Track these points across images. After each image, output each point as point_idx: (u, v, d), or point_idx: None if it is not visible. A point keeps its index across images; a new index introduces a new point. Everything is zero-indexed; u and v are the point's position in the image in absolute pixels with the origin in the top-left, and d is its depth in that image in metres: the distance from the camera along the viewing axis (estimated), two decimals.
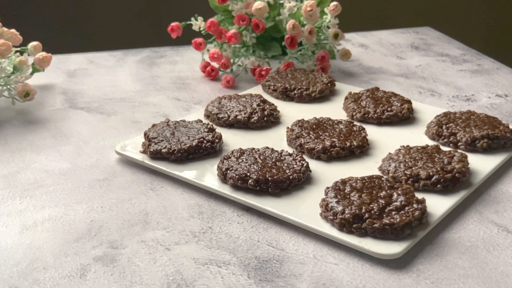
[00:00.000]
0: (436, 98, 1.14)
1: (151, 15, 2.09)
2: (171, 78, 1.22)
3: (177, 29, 1.23)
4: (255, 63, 1.20)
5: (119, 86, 1.18)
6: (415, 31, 1.53)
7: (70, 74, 1.23)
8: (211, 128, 0.94)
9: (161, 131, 0.93)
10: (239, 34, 1.19)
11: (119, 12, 2.05)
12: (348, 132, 0.94)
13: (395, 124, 1.01)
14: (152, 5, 2.09)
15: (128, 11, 2.07)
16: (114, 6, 2.05)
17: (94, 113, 1.06)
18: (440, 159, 0.85)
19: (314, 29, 1.20)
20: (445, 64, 1.31)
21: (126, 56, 1.33)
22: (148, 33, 1.97)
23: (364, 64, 1.31)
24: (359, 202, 0.75)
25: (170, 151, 0.88)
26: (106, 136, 0.99)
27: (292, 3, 1.20)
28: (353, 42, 1.44)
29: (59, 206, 0.80)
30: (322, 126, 0.96)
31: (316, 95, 1.10)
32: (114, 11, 2.05)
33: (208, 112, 1.02)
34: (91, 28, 2.05)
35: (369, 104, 1.03)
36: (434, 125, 0.97)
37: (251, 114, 1.00)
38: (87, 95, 1.13)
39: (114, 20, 2.06)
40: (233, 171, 0.82)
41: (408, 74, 1.26)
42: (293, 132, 0.95)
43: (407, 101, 1.05)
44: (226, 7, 1.23)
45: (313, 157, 0.90)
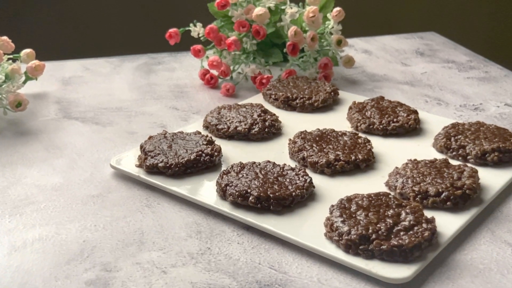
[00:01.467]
0: (443, 107, 1.11)
1: (149, 20, 2.04)
2: (169, 86, 1.19)
3: (175, 36, 1.19)
4: (255, 71, 1.16)
5: (115, 95, 1.14)
6: (419, 36, 1.49)
7: (65, 82, 1.19)
8: (210, 141, 0.90)
9: (157, 143, 0.89)
10: (239, 41, 1.15)
11: (116, 17, 2.01)
12: (352, 145, 0.90)
13: (401, 136, 0.97)
14: (150, 10, 2.05)
15: (125, 15, 2.02)
16: (111, 11, 2.01)
17: (89, 124, 1.03)
18: (450, 174, 0.82)
19: (316, 36, 1.16)
20: (451, 71, 1.27)
21: (123, 63, 1.30)
22: (146, 38, 1.93)
23: (368, 71, 1.27)
24: (365, 221, 0.71)
25: (167, 165, 0.84)
26: (101, 148, 0.95)
27: (294, 8, 1.16)
28: (356, 48, 1.41)
29: (50, 224, 0.76)
30: (325, 138, 0.92)
31: (319, 105, 1.06)
32: (111, 15, 2.01)
33: (207, 123, 0.99)
34: (87, 33, 2.01)
35: (374, 115, 1.00)
36: (442, 137, 0.93)
37: (251, 125, 0.96)
38: (82, 104, 1.09)
39: (111, 25, 2.01)
40: (233, 187, 0.79)
41: (414, 81, 1.22)
42: (295, 144, 0.91)
43: (413, 111, 1.01)
44: (226, 12, 1.19)
45: (316, 172, 0.87)
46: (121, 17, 2.01)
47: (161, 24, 1.99)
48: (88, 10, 2.00)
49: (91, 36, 2.00)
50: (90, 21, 2.01)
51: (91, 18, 2.01)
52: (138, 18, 2.04)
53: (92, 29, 2.01)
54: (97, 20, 2.01)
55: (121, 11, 2.01)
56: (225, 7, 1.15)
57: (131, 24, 2.03)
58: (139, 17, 2.04)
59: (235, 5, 1.18)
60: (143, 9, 2.04)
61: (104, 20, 2.01)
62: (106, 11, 2.00)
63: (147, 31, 2.00)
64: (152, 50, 1.38)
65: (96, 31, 2.01)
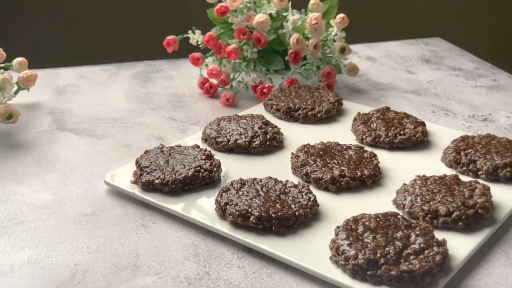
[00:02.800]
0: (451, 118, 1.07)
1: (146, 26, 1.98)
2: (166, 95, 1.15)
3: (173, 43, 1.15)
4: (256, 80, 1.12)
5: (111, 105, 1.10)
6: (424, 42, 1.45)
7: (59, 91, 1.15)
8: (208, 155, 0.86)
9: (154, 158, 0.85)
10: (239, 49, 1.11)
11: (113, 23, 1.95)
12: (358, 159, 0.86)
13: (408, 149, 0.93)
14: (147, 16, 1.99)
15: (122, 21, 1.96)
16: (107, 16, 1.95)
17: (83, 136, 0.99)
18: (461, 192, 0.78)
19: (319, 43, 1.12)
20: (458, 79, 1.23)
21: (120, 71, 1.26)
22: (144, 44, 1.87)
23: (372, 79, 1.23)
24: (373, 244, 0.67)
25: (164, 182, 0.80)
26: (95, 162, 0.91)
27: (296, 15, 1.12)
28: (359, 55, 1.37)
29: (40, 246, 0.72)
30: (329, 152, 0.88)
31: (322, 116, 1.02)
32: (108, 21, 1.95)
33: (206, 136, 0.95)
34: (83, 40, 1.94)
35: (380, 127, 0.96)
36: (451, 151, 0.89)
37: (252, 138, 0.92)
38: (76, 115, 1.05)
39: (108, 31, 1.95)
40: (233, 206, 0.75)
41: (420, 90, 1.18)
42: (298, 159, 0.87)
43: (420, 123, 0.97)
44: (226, 19, 1.15)
45: (320, 188, 0.83)
46: (118, 23, 1.95)
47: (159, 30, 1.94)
48: (83, 15, 1.94)
49: (87, 43, 1.94)
50: (86, 27, 1.95)
51: (87, 24, 1.95)
52: (135, 24, 1.98)
53: (88, 35, 1.95)
54: (93, 26, 1.95)
55: (118, 17, 1.95)
56: (225, 14, 1.11)
57: (128, 30, 1.97)
58: (136, 23, 1.98)
59: (235, 11, 1.14)
60: (141, 14, 1.99)
61: (100, 26, 1.95)
62: (102, 16, 1.94)
63: (145, 37, 1.95)
64: (149, 57, 1.34)
65: (92, 37, 1.95)
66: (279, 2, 1.13)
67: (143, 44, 1.86)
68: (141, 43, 1.91)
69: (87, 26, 1.95)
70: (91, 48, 1.92)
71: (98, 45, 1.94)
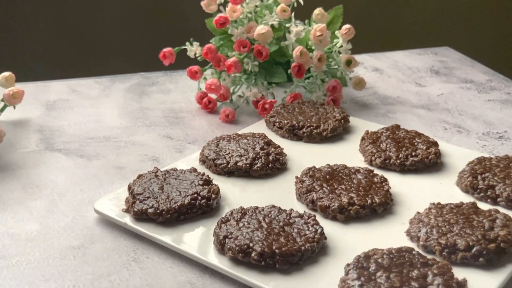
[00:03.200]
0: (464, 136, 1.00)
1: (143, 36, 1.90)
2: (163, 111, 1.09)
3: (169, 56, 1.09)
4: (257, 95, 1.06)
5: (103, 122, 1.04)
6: (433, 52, 1.39)
7: (49, 106, 1.09)
8: (206, 180, 0.80)
9: (147, 184, 0.79)
10: (239, 63, 1.05)
11: (107, 33, 1.86)
12: (368, 184, 0.80)
13: (420, 172, 0.87)
14: (144, 25, 1.90)
15: (117, 31, 1.87)
16: (101, 26, 1.85)
17: (73, 157, 0.92)
18: (480, 223, 0.71)
19: (324, 56, 1.06)
20: (470, 93, 1.17)
21: (113, 84, 1.19)
22: (139, 55, 1.78)
23: (379, 92, 1.17)
24: (387, 285, 0.61)
25: (158, 211, 0.74)
26: (85, 186, 0.85)
27: (300, 27, 1.06)
28: (365, 66, 1.30)
29: (22, 285, 0.66)
30: (337, 176, 0.82)
31: (328, 134, 0.96)
32: (102, 31, 1.86)
33: (204, 157, 0.88)
34: (75, 51, 1.85)
35: (390, 147, 0.90)
36: (467, 175, 0.83)
37: (253, 160, 0.86)
38: (66, 134, 0.99)
39: (102, 41, 1.86)
40: (233, 240, 0.69)
41: (430, 105, 1.12)
42: (303, 184, 0.81)
43: (433, 143, 0.91)
44: (226, 30, 1.09)
45: (327, 217, 0.76)
46: (112, 32, 1.87)
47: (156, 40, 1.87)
48: (76, 25, 1.85)
49: (79, 54, 1.85)
50: (79, 37, 1.86)
51: (79, 34, 1.86)
52: (131, 34, 1.90)
53: (81, 45, 1.86)
54: (87, 36, 1.86)
55: (113, 27, 1.86)
56: (224, 25, 1.05)
57: (124, 40, 1.89)
58: (132, 33, 1.90)
59: (235, 22, 1.08)
60: (136, 24, 1.90)
61: (94, 35, 1.86)
62: (95, 26, 1.85)
63: (141, 47, 1.87)
64: (146, 68, 1.28)
65: (85, 47, 1.86)
66: (281, 12, 1.06)
67: (139, 54, 1.78)
68: (137, 53, 1.84)
69: (80, 36, 1.85)
70: (85, 58, 1.84)
71: (92, 56, 1.86)
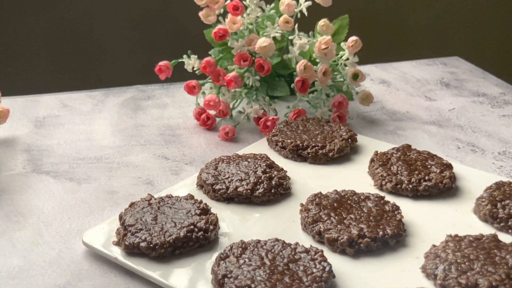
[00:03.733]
0: (479, 156, 0.94)
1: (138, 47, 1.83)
2: (158, 128, 1.02)
3: (166, 70, 1.02)
4: (259, 112, 1.00)
5: (95, 140, 0.98)
6: (442, 62, 1.33)
7: (38, 123, 1.03)
8: (204, 209, 0.74)
9: (140, 214, 0.73)
10: (240, 78, 0.98)
11: (101, 43, 1.78)
12: (379, 213, 0.74)
13: (434, 197, 0.81)
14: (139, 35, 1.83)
15: (112, 41, 1.80)
16: (95, 36, 1.77)
17: (62, 180, 0.86)
18: (503, 259, 0.65)
19: (329, 70, 1.00)
20: (483, 107, 1.11)
21: (107, 98, 1.13)
22: (135, 67, 1.70)
23: (387, 107, 1.11)
24: None
25: (151, 245, 0.68)
26: (73, 214, 0.79)
27: (304, 39, 1.00)
28: (372, 78, 1.24)
29: None
30: (345, 204, 0.76)
31: (335, 155, 0.90)
32: (96, 41, 1.78)
33: (201, 181, 0.82)
34: (67, 63, 1.77)
35: (401, 170, 0.83)
36: (485, 202, 0.77)
37: (255, 185, 0.80)
38: (55, 154, 0.93)
39: (96, 52, 1.79)
40: (233, 279, 0.62)
41: (441, 121, 1.06)
42: (309, 213, 0.74)
43: (447, 165, 0.85)
44: (225, 42, 1.03)
45: (336, 251, 0.70)
46: (107, 42, 1.79)
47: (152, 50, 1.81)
48: (68, 35, 1.77)
49: (72, 66, 1.77)
50: (71, 48, 1.77)
51: (71, 45, 1.77)
52: (126, 45, 1.83)
53: (73, 57, 1.78)
54: (78, 47, 1.78)
55: (107, 36, 1.78)
56: (224, 38, 0.99)
57: (118, 52, 1.81)
58: (127, 44, 1.83)
59: (235, 34, 1.02)
60: (132, 33, 1.82)
61: (87, 46, 1.79)
62: (89, 35, 1.78)
63: (136, 59, 1.79)
64: (141, 81, 1.22)
65: (77, 60, 1.78)
66: (284, 24, 1.00)
67: (134, 67, 1.71)
68: (132, 66, 1.76)
69: (72, 48, 1.77)
70: (76, 71, 1.76)
71: (84, 68, 1.78)
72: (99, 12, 1.75)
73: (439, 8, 1.96)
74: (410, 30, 1.97)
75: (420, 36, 1.98)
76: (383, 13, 1.94)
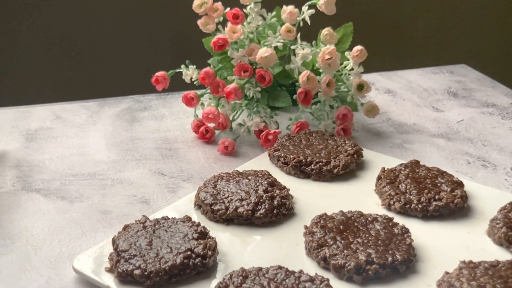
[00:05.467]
0: (490, 171, 0.90)
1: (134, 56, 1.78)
2: (155, 141, 0.98)
3: (163, 81, 0.98)
4: (260, 125, 0.96)
5: (89, 155, 0.94)
6: (449, 71, 1.28)
7: (29, 136, 0.98)
8: (202, 232, 0.70)
9: (134, 238, 0.68)
10: (240, 90, 0.94)
11: (96, 52, 1.73)
12: (387, 237, 0.70)
13: (445, 218, 0.77)
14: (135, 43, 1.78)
15: (107, 50, 1.75)
16: (89, 45, 1.72)
17: (53, 198, 0.82)
18: None
19: (333, 81, 0.96)
20: (493, 119, 1.07)
21: (102, 108, 1.09)
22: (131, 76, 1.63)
23: (393, 118, 1.07)
24: None
25: (145, 273, 0.64)
26: (64, 236, 0.74)
27: (307, 49, 0.96)
28: (377, 86, 1.20)
29: None
30: (352, 226, 0.72)
31: (340, 172, 0.85)
32: (90, 50, 1.72)
33: (199, 201, 0.78)
34: (60, 72, 1.70)
35: (410, 189, 0.79)
36: (500, 224, 0.73)
37: (256, 205, 0.76)
38: (46, 170, 0.89)
39: (90, 61, 1.73)
40: None
41: (450, 133, 1.02)
42: (313, 237, 0.70)
43: (458, 183, 0.80)
44: (225, 52, 0.99)
45: (342, 278, 0.66)
46: (101, 51, 1.74)
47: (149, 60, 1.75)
48: (61, 44, 1.71)
49: (65, 75, 1.71)
50: (64, 57, 1.71)
51: (65, 53, 1.72)
52: (121, 53, 1.77)
53: (67, 65, 1.72)
54: (72, 56, 1.72)
55: (102, 44, 1.73)
56: (224, 47, 0.95)
57: (113, 61, 1.76)
58: (123, 52, 1.77)
59: (235, 43, 0.98)
60: (127, 42, 1.77)
61: (82, 54, 1.73)
62: (83, 44, 1.72)
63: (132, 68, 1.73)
64: (137, 90, 1.18)
65: (71, 69, 1.72)
66: (286, 33, 0.96)
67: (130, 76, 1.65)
68: (128, 75, 1.70)
69: (66, 57, 1.71)
70: (70, 81, 1.71)
71: (79, 78, 1.73)
72: (94, 18, 1.70)
73: (444, 14, 1.92)
74: (414, 37, 1.93)
75: (425, 42, 1.93)
76: (387, 19, 1.90)
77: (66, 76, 1.72)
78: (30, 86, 1.66)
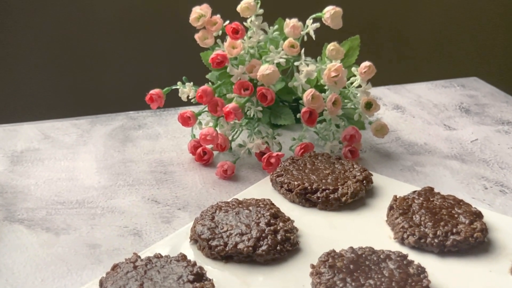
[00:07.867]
0: (510, 198, 0.84)
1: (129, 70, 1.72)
2: (149, 164, 0.92)
3: (158, 99, 0.92)
4: (261, 147, 0.89)
5: (78, 179, 0.87)
6: (460, 84, 1.22)
7: (15, 158, 0.92)
8: (198, 274, 0.63)
9: (124, 281, 0.62)
10: (240, 109, 0.88)
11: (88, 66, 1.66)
12: (402, 278, 0.64)
13: (464, 254, 0.70)
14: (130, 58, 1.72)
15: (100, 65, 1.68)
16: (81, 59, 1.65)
17: (38, 230, 0.76)
18: None
19: (339, 99, 0.90)
20: (509, 138, 1.00)
21: (94, 127, 1.03)
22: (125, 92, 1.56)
23: (403, 137, 1.01)
24: None
25: None
26: (47, 275, 0.68)
27: (311, 66, 0.89)
28: (384, 102, 1.14)
29: None
30: (363, 265, 0.65)
31: (348, 200, 0.79)
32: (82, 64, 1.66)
33: (196, 235, 0.72)
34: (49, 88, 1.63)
35: (425, 221, 0.73)
36: None
37: (257, 240, 0.69)
38: (32, 197, 0.82)
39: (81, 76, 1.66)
40: None
41: (464, 155, 0.95)
42: (321, 278, 0.64)
43: (476, 214, 0.74)
44: (224, 68, 0.92)
45: None
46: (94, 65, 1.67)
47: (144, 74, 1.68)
48: (52, 58, 1.64)
49: (56, 91, 1.63)
50: (56, 72, 1.64)
51: (57, 69, 1.64)
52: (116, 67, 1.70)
53: (58, 82, 1.64)
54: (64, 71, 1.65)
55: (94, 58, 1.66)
56: (223, 64, 0.89)
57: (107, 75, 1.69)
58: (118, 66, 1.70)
59: (234, 59, 0.91)
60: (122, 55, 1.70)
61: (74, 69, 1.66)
62: (75, 59, 1.65)
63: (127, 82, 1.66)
64: (132, 106, 1.12)
65: (63, 84, 1.65)
66: (289, 48, 0.90)
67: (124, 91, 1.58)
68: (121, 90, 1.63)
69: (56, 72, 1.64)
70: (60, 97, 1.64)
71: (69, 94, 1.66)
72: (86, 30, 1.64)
73: (451, 25, 1.85)
74: (422, 48, 1.86)
75: (433, 54, 1.87)
76: (393, 29, 1.83)
77: (57, 92, 1.65)
78: (18, 102, 1.59)
